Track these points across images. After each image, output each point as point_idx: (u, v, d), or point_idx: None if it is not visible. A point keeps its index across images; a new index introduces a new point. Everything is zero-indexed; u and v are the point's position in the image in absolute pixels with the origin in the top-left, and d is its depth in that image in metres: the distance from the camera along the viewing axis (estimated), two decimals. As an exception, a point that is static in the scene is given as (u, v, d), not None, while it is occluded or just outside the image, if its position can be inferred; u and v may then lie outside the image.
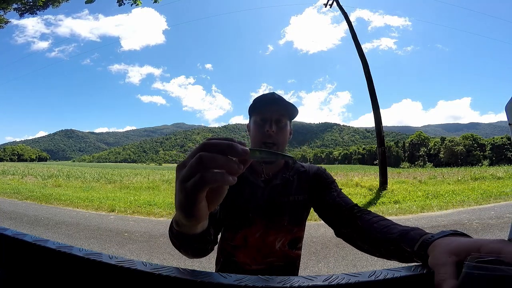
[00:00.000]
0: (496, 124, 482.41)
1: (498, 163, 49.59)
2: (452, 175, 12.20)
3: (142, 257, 3.38)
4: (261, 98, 0.86)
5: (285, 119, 0.84)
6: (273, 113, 0.82)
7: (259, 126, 0.82)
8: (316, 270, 2.92)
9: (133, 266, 0.36)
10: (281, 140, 0.82)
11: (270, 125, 0.81)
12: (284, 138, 0.84)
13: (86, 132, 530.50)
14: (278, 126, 0.82)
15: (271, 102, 0.83)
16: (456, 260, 0.32)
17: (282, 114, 0.83)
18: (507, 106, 0.57)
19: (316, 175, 0.88)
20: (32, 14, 7.08)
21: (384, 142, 8.83)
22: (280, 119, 0.82)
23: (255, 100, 0.87)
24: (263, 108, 0.83)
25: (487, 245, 0.31)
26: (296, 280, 0.34)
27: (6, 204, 6.68)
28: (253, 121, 0.85)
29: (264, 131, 0.81)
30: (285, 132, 0.84)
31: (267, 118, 0.82)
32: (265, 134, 0.80)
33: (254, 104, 0.85)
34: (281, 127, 0.82)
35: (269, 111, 0.82)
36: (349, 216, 0.71)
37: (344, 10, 9.75)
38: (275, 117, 0.82)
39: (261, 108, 0.84)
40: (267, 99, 0.84)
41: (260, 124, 0.83)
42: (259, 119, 0.83)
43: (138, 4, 5.84)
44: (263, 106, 0.84)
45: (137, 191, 9.81)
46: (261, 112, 0.83)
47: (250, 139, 0.87)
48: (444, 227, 4.35)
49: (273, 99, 0.84)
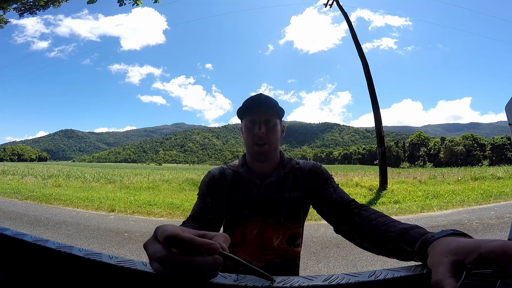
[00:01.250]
0: (496, 124, 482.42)
1: (498, 163, 49.57)
2: (452, 175, 12.19)
3: (142, 257, 3.38)
4: (248, 101, 0.87)
5: (274, 118, 0.85)
6: (261, 115, 0.84)
7: (249, 129, 0.85)
8: (316, 270, 2.92)
9: (133, 266, 0.36)
10: (272, 139, 0.84)
11: (259, 127, 0.83)
12: (275, 137, 0.85)
13: (86, 132, 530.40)
14: (268, 126, 0.83)
15: (257, 104, 0.85)
16: (454, 259, 0.32)
17: (270, 114, 0.85)
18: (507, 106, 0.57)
19: (311, 172, 0.88)
20: (32, 14, 7.08)
21: (384, 142, 8.83)
22: (269, 119, 0.84)
23: (243, 104, 0.88)
24: (251, 111, 0.85)
25: (487, 246, 0.30)
26: (296, 280, 0.34)
27: (6, 204, 6.68)
28: (244, 124, 0.87)
29: (254, 134, 0.83)
30: (275, 131, 0.85)
31: (256, 120, 0.84)
32: (255, 136, 0.83)
33: (242, 108, 0.87)
34: (271, 127, 0.84)
35: (257, 113, 0.84)
36: (347, 212, 0.71)
37: (344, 10, 9.75)
38: (263, 118, 0.84)
39: (249, 111, 0.85)
40: (253, 102, 0.86)
41: (249, 127, 0.85)
42: (248, 122, 0.85)
43: (138, 4, 5.84)
44: (250, 109, 0.85)
45: (137, 191, 9.81)
46: (250, 115, 0.85)
47: (244, 142, 0.89)
48: (444, 227, 4.34)
49: (259, 100, 0.85)
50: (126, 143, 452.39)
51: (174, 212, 6.06)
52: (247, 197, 0.84)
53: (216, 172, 0.89)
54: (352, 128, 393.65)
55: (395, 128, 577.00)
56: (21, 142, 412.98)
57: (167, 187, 11.07)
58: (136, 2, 5.79)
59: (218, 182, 0.87)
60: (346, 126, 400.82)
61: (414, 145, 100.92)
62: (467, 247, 0.32)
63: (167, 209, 6.30)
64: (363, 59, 9.13)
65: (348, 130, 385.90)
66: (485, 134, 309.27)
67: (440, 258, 0.33)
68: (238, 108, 0.89)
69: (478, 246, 0.31)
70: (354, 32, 9.40)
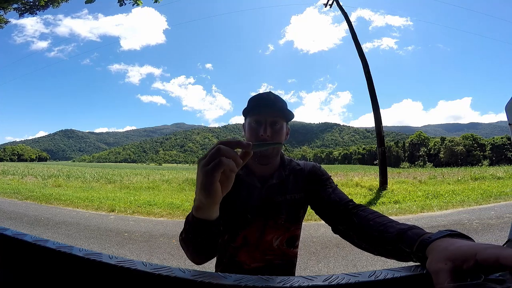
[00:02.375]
0: (496, 124, 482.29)
1: (498, 163, 49.57)
2: (452, 175, 12.18)
3: (142, 257, 3.38)
4: (256, 99, 0.83)
5: (281, 121, 0.82)
6: (268, 116, 0.79)
7: (254, 129, 0.80)
8: (316, 270, 2.92)
9: (133, 266, 0.36)
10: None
11: (264, 129, 0.78)
12: (279, 140, 0.81)
13: (86, 132, 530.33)
14: (273, 128, 0.80)
15: (266, 104, 0.81)
16: (452, 266, 0.33)
17: (278, 116, 0.80)
18: (507, 106, 0.57)
19: (311, 173, 0.87)
20: (32, 14, 7.08)
21: (384, 142, 8.83)
22: (275, 122, 0.80)
23: (250, 101, 0.84)
24: (258, 111, 0.81)
25: (484, 251, 0.31)
26: (296, 280, 0.34)
27: (6, 204, 6.67)
28: (248, 123, 0.83)
29: (258, 135, 0.79)
30: (281, 134, 0.81)
31: (261, 121, 0.80)
32: (260, 138, 0.78)
33: (249, 106, 0.83)
34: (276, 130, 0.80)
35: (264, 114, 0.80)
36: (345, 212, 0.71)
37: (344, 10, 9.75)
38: (270, 120, 0.79)
39: (256, 110, 0.81)
40: (262, 101, 0.82)
41: (254, 127, 0.80)
42: (253, 121, 0.81)
43: (138, 4, 5.83)
44: (258, 108, 0.81)
45: (137, 191, 9.81)
46: (256, 114, 0.81)
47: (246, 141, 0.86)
48: (444, 227, 4.34)
49: (268, 100, 0.81)
50: (126, 143, 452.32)
51: (174, 212, 6.06)
52: (248, 200, 0.82)
53: None
54: (352, 128, 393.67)
55: (395, 128, 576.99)
56: (21, 142, 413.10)
57: (167, 187, 11.06)
58: (137, 2, 5.79)
59: None
60: (346, 126, 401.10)
61: (414, 145, 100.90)
62: (464, 253, 0.33)
63: (167, 209, 6.30)
64: (363, 59, 9.13)
65: (348, 130, 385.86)
66: (485, 134, 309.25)
67: (438, 264, 0.34)
68: (246, 106, 0.83)
69: (475, 252, 0.32)
70: (354, 32, 9.40)
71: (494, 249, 0.31)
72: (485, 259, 0.30)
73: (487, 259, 0.30)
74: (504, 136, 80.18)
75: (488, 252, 0.31)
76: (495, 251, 0.30)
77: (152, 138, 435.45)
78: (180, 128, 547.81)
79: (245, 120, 0.87)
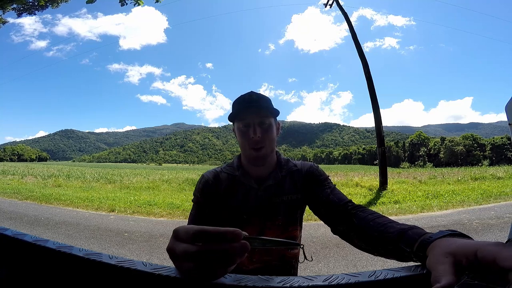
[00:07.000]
0: (496, 124, 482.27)
1: (498, 163, 49.50)
2: (452, 175, 12.18)
3: (142, 257, 3.38)
4: (239, 102, 0.82)
5: (268, 119, 0.81)
6: (254, 117, 0.79)
7: (244, 133, 0.80)
8: (316, 270, 2.92)
9: (133, 266, 0.36)
10: (268, 141, 0.81)
11: (254, 130, 0.78)
12: (271, 138, 0.81)
13: (86, 132, 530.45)
14: (263, 128, 0.79)
15: (250, 105, 0.80)
16: (454, 260, 0.32)
17: (264, 115, 0.80)
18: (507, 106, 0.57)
19: (308, 173, 0.87)
20: (31, 14, 7.07)
21: (384, 142, 8.83)
22: (263, 121, 0.80)
23: (234, 104, 0.84)
24: (243, 113, 0.80)
25: (484, 248, 0.31)
26: (296, 280, 0.34)
27: (6, 204, 6.68)
28: (237, 127, 0.83)
29: (249, 138, 0.79)
30: (271, 132, 0.81)
31: (249, 124, 0.79)
32: (251, 140, 0.78)
33: (234, 110, 0.82)
34: (266, 129, 0.80)
35: (250, 116, 0.79)
36: (344, 213, 0.70)
37: (344, 10, 9.74)
38: (257, 121, 0.79)
39: (242, 114, 0.80)
40: (245, 103, 0.81)
41: (244, 131, 0.80)
42: (242, 125, 0.81)
43: (140, 4, 5.82)
44: (243, 111, 0.80)
45: (137, 191, 9.80)
46: (242, 118, 0.80)
47: (239, 145, 0.85)
48: (444, 227, 4.34)
49: (252, 100, 0.80)
50: (126, 143, 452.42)
51: (174, 212, 6.06)
52: (245, 201, 0.82)
53: (210, 176, 0.85)
54: (352, 128, 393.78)
55: (395, 128, 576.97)
56: (21, 142, 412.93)
57: (167, 187, 11.06)
58: (138, 2, 5.78)
59: (212, 187, 0.83)
60: (346, 126, 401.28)
61: (414, 145, 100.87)
62: (466, 250, 0.33)
63: (167, 209, 6.30)
64: (363, 59, 9.12)
65: (348, 130, 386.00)
66: (485, 134, 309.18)
67: (440, 258, 0.34)
68: (231, 112, 0.83)
69: (475, 249, 0.32)
70: (354, 32, 9.40)
71: (495, 246, 0.30)
72: (484, 257, 0.30)
73: (485, 256, 0.30)
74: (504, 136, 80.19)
75: (488, 250, 0.30)
76: (494, 250, 0.30)
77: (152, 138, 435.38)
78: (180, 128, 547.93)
79: (233, 124, 0.86)
